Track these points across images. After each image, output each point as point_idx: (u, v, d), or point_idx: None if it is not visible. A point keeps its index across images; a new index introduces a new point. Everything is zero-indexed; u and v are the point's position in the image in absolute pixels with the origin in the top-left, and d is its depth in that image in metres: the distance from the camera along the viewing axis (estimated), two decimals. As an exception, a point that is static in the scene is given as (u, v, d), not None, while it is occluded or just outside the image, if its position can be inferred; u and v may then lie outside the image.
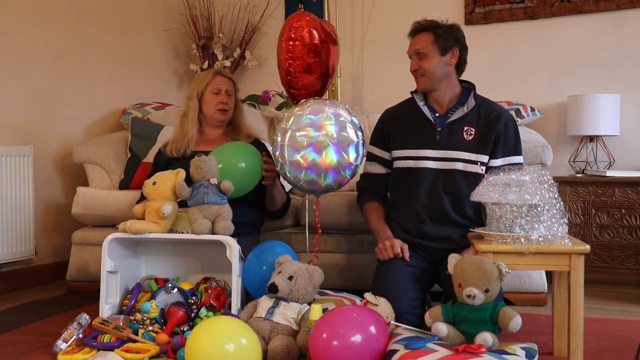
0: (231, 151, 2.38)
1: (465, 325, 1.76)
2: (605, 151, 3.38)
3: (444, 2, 3.80)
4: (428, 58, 2.29)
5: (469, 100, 2.33)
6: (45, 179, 3.31)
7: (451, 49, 2.30)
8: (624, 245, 3.12)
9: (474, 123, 2.30)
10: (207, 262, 2.38)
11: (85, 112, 3.56)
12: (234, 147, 2.43)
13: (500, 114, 2.32)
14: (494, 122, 2.29)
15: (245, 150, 2.41)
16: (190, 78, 4.26)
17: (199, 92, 2.60)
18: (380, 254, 2.26)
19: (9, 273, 3.08)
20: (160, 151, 2.64)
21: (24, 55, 3.19)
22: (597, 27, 3.48)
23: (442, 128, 2.31)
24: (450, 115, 2.33)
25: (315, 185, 2.24)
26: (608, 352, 2.02)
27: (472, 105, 2.31)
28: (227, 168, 2.29)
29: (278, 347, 1.85)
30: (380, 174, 2.46)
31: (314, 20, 2.41)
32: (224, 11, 4.19)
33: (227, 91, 2.60)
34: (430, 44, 2.28)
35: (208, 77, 2.62)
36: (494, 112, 2.32)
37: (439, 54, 2.28)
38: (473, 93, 2.35)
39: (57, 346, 1.95)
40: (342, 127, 2.21)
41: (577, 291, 1.81)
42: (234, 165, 2.32)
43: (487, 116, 2.31)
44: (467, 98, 2.34)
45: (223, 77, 2.63)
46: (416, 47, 2.31)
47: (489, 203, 1.88)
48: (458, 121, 2.31)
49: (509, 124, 2.32)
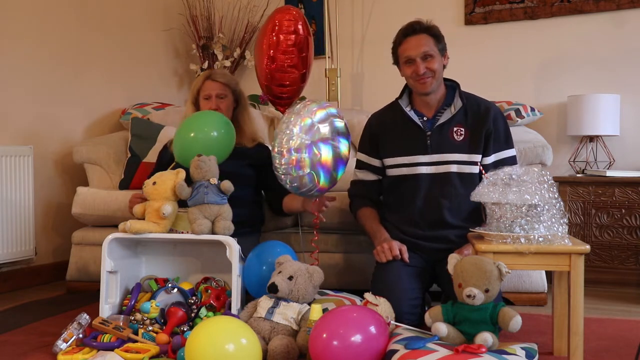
0: (203, 119, 2.38)
1: (465, 325, 1.76)
2: (605, 151, 3.38)
3: (444, 2, 3.80)
4: (434, 59, 2.25)
5: (456, 100, 2.32)
6: (45, 179, 3.31)
7: (445, 50, 2.31)
8: (624, 245, 3.12)
9: (463, 123, 2.29)
10: (207, 262, 2.38)
11: (86, 112, 3.56)
12: (205, 116, 2.42)
13: (488, 109, 2.30)
14: (482, 118, 2.28)
15: (218, 118, 2.40)
16: (190, 78, 4.26)
17: (193, 97, 2.63)
18: (379, 256, 2.25)
19: (9, 273, 3.08)
20: (165, 147, 2.65)
21: (24, 55, 3.19)
22: (597, 27, 3.48)
23: (431, 132, 2.29)
24: (438, 117, 2.31)
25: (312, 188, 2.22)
26: (608, 352, 2.02)
27: (460, 106, 2.30)
28: (200, 137, 2.30)
29: (278, 347, 1.85)
30: (371, 180, 2.44)
31: (300, 14, 2.43)
32: (224, 11, 4.19)
33: (218, 94, 2.58)
34: (433, 44, 2.26)
35: (199, 83, 2.62)
36: (481, 108, 2.31)
37: (439, 55, 2.28)
38: (458, 92, 2.33)
39: (57, 346, 1.96)
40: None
41: (577, 291, 1.81)
42: (206, 134, 2.31)
43: (475, 114, 2.29)
44: (452, 98, 2.33)
45: (213, 82, 2.59)
46: (424, 49, 2.25)
47: (489, 203, 1.88)
48: (447, 123, 2.29)
49: (498, 117, 2.30)
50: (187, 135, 2.33)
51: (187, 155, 2.26)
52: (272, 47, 2.66)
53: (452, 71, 2.40)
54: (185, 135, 2.34)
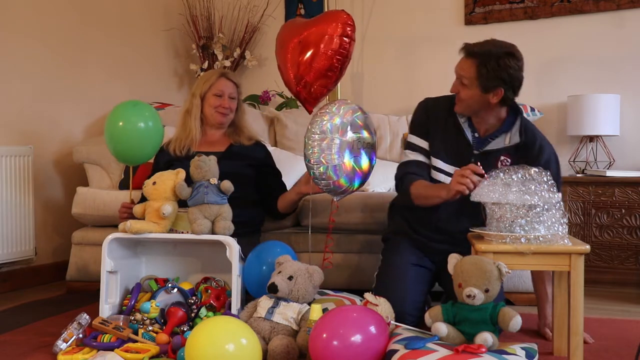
0: (133, 110, 2.37)
1: (465, 325, 1.76)
2: (605, 151, 3.38)
3: (444, 2, 3.80)
4: (468, 89, 2.10)
5: (513, 132, 2.15)
6: (45, 179, 3.31)
7: (494, 90, 2.07)
8: (624, 245, 3.12)
9: (512, 154, 2.14)
10: (207, 262, 2.38)
11: (86, 112, 3.56)
12: (134, 107, 2.40)
13: (542, 150, 2.14)
14: (533, 158, 2.10)
15: (148, 110, 2.40)
16: (190, 78, 4.26)
17: (202, 91, 2.59)
18: (461, 183, 1.95)
19: (9, 273, 3.08)
20: (162, 149, 2.61)
21: (24, 55, 3.19)
22: (597, 27, 3.48)
23: (478, 153, 2.16)
24: (490, 140, 2.18)
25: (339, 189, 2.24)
26: (608, 352, 2.02)
27: (516, 142, 2.14)
28: (129, 128, 2.30)
29: (278, 347, 1.85)
30: (423, 162, 2.27)
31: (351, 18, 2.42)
32: (224, 11, 4.19)
33: (230, 94, 2.58)
34: (473, 77, 2.08)
35: (213, 78, 2.60)
36: (535, 145, 2.14)
37: (480, 91, 2.09)
38: (519, 123, 2.15)
39: (57, 346, 1.95)
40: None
41: (577, 291, 1.81)
42: (134, 125, 2.32)
43: (527, 149, 2.13)
44: (511, 125, 2.17)
45: (227, 81, 2.60)
46: (460, 73, 2.13)
47: (489, 203, 1.88)
48: (495, 151, 2.15)
49: (550, 161, 2.14)
50: (116, 125, 2.33)
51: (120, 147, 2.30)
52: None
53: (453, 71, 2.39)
54: (135, 122, 2.34)
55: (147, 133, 2.35)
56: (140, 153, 2.39)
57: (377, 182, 2.95)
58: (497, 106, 2.13)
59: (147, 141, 2.37)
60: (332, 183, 2.18)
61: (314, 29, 2.40)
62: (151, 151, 2.43)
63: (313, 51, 2.36)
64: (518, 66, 2.08)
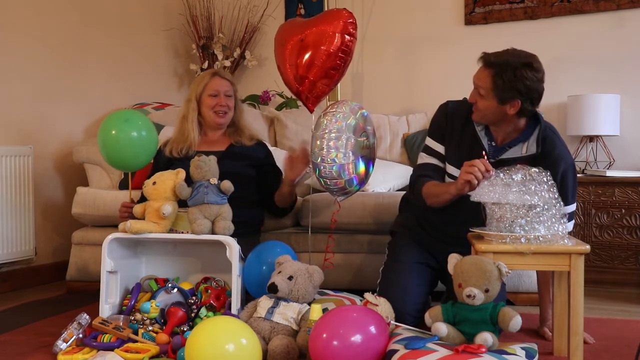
0: (125, 116, 2.37)
1: (465, 325, 1.76)
2: (605, 151, 3.38)
3: (444, 2, 3.80)
4: (485, 99, 2.06)
5: (530, 142, 2.10)
6: (45, 179, 3.31)
7: (511, 101, 2.02)
8: (624, 245, 3.12)
9: (528, 163, 2.01)
10: (207, 262, 2.38)
11: (86, 112, 3.56)
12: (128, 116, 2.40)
13: (560, 160, 2.07)
14: (550, 167, 1.97)
15: (142, 119, 2.41)
16: (190, 78, 4.26)
17: (197, 93, 2.58)
18: (469, 173, 1.91)
19: (9, 273, 3.08)
20: (160, 149, 2.61)
21: (24, 55, 3.19)
22: (597, 27, 3.48)
23: (494, 162, 2.07)
24: (507, 149, 2.12)
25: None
26: (608, 352, 2.02)
27: (532, 152, 2.08)
28: (122, 137, 2.30)
29: (278, 347, 1.85)
30: (438, 165, 2.24)
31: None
32: (224, 11, 4.19)
33: (226, 92, 2.57)
34: (489, 87, 2.04)
35: (205, 79, 2.59)
36: (553, 154, 2.08)
37: (496, 102, 2.04)
38: (537, 133, 2.10)
39: (57, 346, 1.95)
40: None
41: (577, 291, 1.81)
42: (127, 134, 2.31)
43: (544, 158, 2.05)
44: (529, 135, 2.11)
45: (221, 79, 2.59)
46: (477, 83, 2.09)
47: (489, 203, 1.88)
48: (511, 160, 2.06)
49: (568, 172, 2.08)
50: (109, 134, 2.33)
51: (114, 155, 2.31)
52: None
53: (453, 71, 2.40)
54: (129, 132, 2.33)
55: (140, 142, 2.34)
56: (134, 162, 2.38)
57: (377, 182, 2.94)
58: (515, 117, 2.08)
59: (141, 150, 2.36)
60: (346, 181, 2.19)
61: (316, 27, 2.39)
62: (145, 160, 2.42)
63: (315, 49, 2.36)
64: (536, 77, 2.02)
